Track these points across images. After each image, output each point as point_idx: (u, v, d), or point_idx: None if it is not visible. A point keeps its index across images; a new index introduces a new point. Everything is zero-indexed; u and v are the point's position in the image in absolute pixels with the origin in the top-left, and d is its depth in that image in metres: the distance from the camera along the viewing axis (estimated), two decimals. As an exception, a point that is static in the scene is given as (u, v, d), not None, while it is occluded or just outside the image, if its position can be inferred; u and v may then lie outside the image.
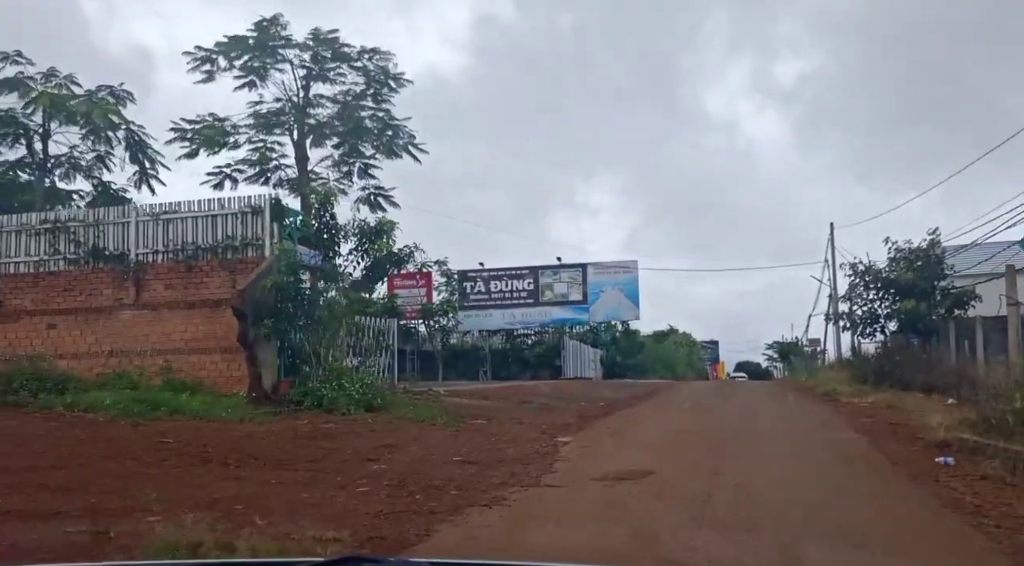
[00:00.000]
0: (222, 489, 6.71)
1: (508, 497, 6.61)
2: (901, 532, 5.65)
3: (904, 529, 5.75)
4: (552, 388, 24.38)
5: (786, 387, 28.61)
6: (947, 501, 6.42)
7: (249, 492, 6.64)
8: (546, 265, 44.83)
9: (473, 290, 44.82)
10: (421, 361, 44.55)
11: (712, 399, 19.66)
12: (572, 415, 14.76)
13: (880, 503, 6.64)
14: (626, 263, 44.18)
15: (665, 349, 47.43)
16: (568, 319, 44.42)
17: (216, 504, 6.02)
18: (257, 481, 7.19)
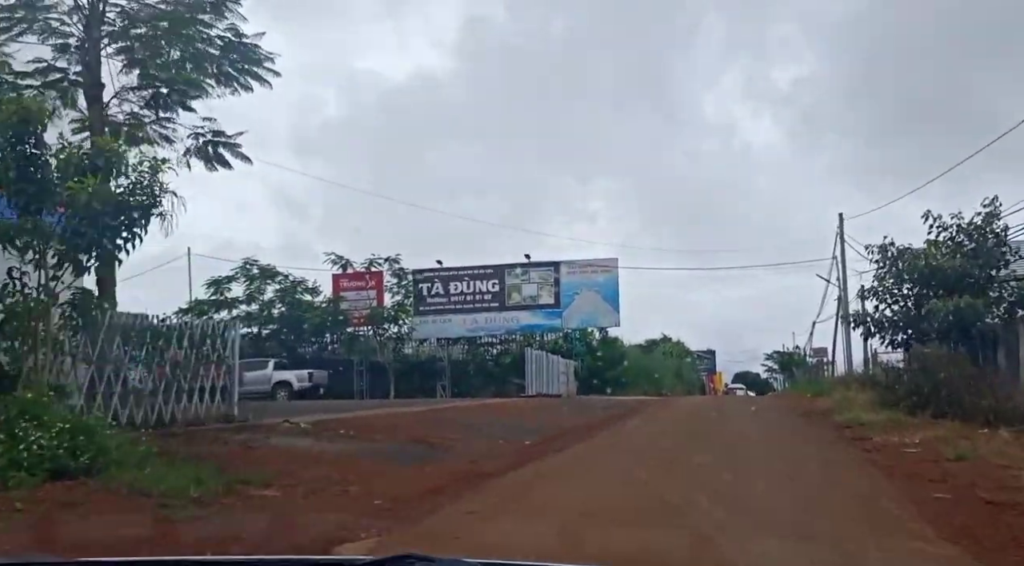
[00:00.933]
0: None
1: None
2: None
3: None
4: (492, 411, 18.97)
5: (789, 406, 23.16)
6: None
7: None
8: (513, 263, 39.41)
9: (430, 292, 39.37)
10: (371, 375, 39.08)
11: (688, 438, 14.12)
12: (456, 467, 9.36)
13: None
14: (604, 261, 38.76)
15: (651, 360, 41.92)
16: (538, 326, 38.97)
17: None
18: None
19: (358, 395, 38.23)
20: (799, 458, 9.67)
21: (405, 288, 39.05)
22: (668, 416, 18.84)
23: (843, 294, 34.37)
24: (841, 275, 34.49)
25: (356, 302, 38.87)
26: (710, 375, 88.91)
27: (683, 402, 26.89)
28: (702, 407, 23.11)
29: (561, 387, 34.93)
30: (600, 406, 23.67)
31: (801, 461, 9.37)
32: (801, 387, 42.97)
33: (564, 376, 35.64)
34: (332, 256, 38.28)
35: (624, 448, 11.63)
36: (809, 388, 40.36)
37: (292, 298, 37.92)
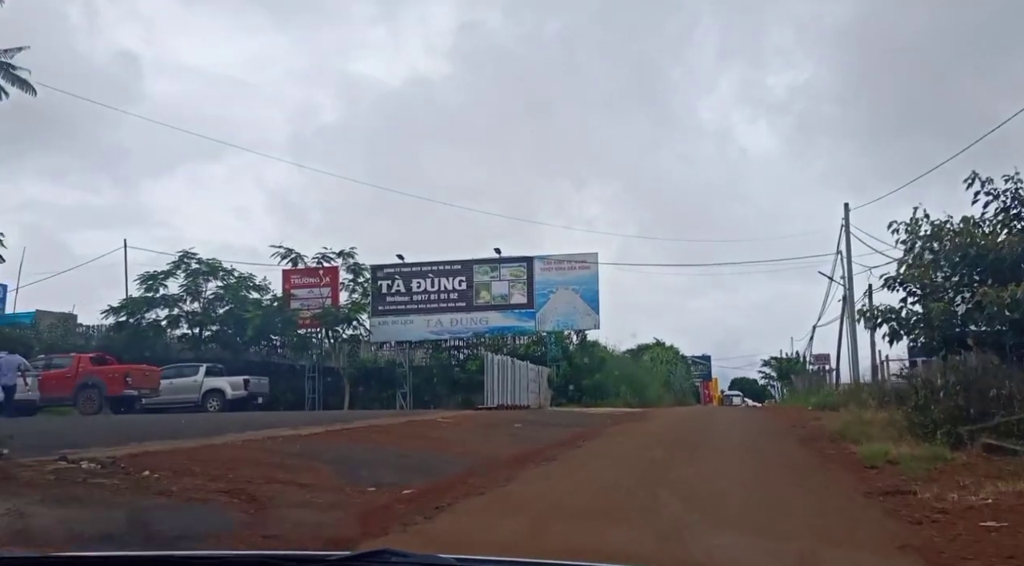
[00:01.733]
0: None
1: None
2: None
3: None
4: (417, 431, 15.07)
5: (787, 425, 19.22)
6: None
7: None
8: (482, 258, 35.51)
9: (390, 290, 35.45)
10: (325, 383, 35.15)
11: (641, 482, 9.90)
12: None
13: None
14: (583, 256, 34.86)
15: (636, 366, 37.93)
16: (509, 327, 35.05)
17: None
18: None
19: (309, 405, 34.34)
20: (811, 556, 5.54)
21: (362, 286, 35.09)
22: (633, 441, 14.87)
23: (848, 293, 30.52)
24: (846, 272, 30.66)
25: (309, 300, 34.98)
26: (705, 382, 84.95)
27: (663, 417, 22.89)
28: (682, 425, 19.15)
29: (532, 397, 31.02)
30: (563, 423, 19.74)
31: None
32: (801, 398, 39.02)
33: (535, 384, 31.71)
34: (280, 249, 34.34)
35: (535, 508, 7.66)
36: (810, 399, 36.42)
37: (235, 295, 33.94)
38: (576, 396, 33.08)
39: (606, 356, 34.31)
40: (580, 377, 33.42)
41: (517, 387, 28.58)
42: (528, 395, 30.34)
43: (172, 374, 29.53)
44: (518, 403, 28.48)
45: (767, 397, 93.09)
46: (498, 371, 26.63)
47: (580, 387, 33.24)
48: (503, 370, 27.07)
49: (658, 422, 20.81)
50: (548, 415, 23.12)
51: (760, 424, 19.44)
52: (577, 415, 24.15)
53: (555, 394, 33.64)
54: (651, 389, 36.04)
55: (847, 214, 30.65)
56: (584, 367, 33.60)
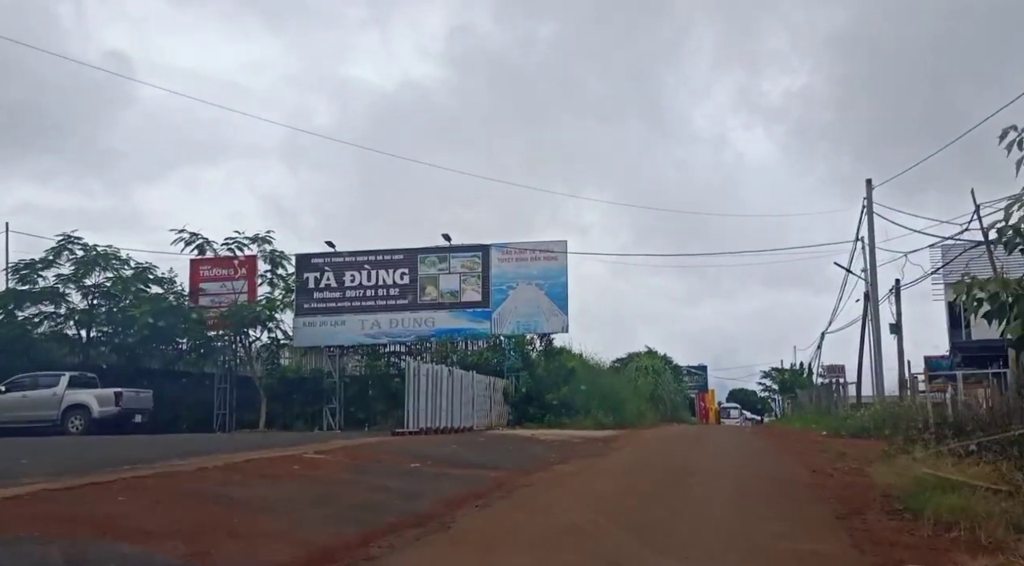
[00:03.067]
0: None
1: None
2: None
3: None
4: (211, 483, 9.18)
5: (806, 467, 13.25)
6: None
7: None
8: (428, 247, 29.66)
9: (319, 284, 29.56)
10: (238, 396, 29.25)
11: None
12: None
13: None
14: (548, 245, 29.00)
15: (613, 378, 31.90)
16: (459, 330, 29.16)
17: None
18: None
19: (219, 423, 28.41)
20: None
21: (283, 279, 29.20)
22: (562, 503, 8.99)
23: (871, 289, 24.65)
24: (869, 262, 24.82)
25: (221, 296, 29.12)
26: (701, 394, 78.92)
27: (633, 447, 16.86)
28: (650, 464, 13.16)
29: (481, 416, 25.13)
30: (488, 460, 13.95)
31: None
32: (810, 416, 33.10)
33: (486, 400, 25.80)
34: (183, 235, 28.45)
35: None
36: (821, 419, 30.49)
37: (126, 289, 28.04)
38: (539, 415, 27.18)
39: (576, 365, 28.41)
40: (543, 391, 27.51)
41: (457, 404, 22.69)
42: (476, 414, 24.44)
43: (26, 385, 23.66)
44: (458, 425, 22.59)
45: (766, 410, 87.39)
46: (427, 385, 20.77)
47: (544, 403, 27.33)
48: (435, 383, 21.20)
49: (623, 457, 14.90)
50: (480, 444, 17.23)
51: (764, 465, 13.51)
52: (523, 442, 18.29)
53: (513, 412, 27.74)
54: (631, 405, 30.11)
55: (869, 192, 24.85)
56: (548, 379, 27.71)
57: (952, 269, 34.26)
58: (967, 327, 36.65)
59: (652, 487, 10.34)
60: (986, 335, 35.54)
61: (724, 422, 69.17)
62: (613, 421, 27.12)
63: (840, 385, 29.46)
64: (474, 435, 20.69)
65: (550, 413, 27.02)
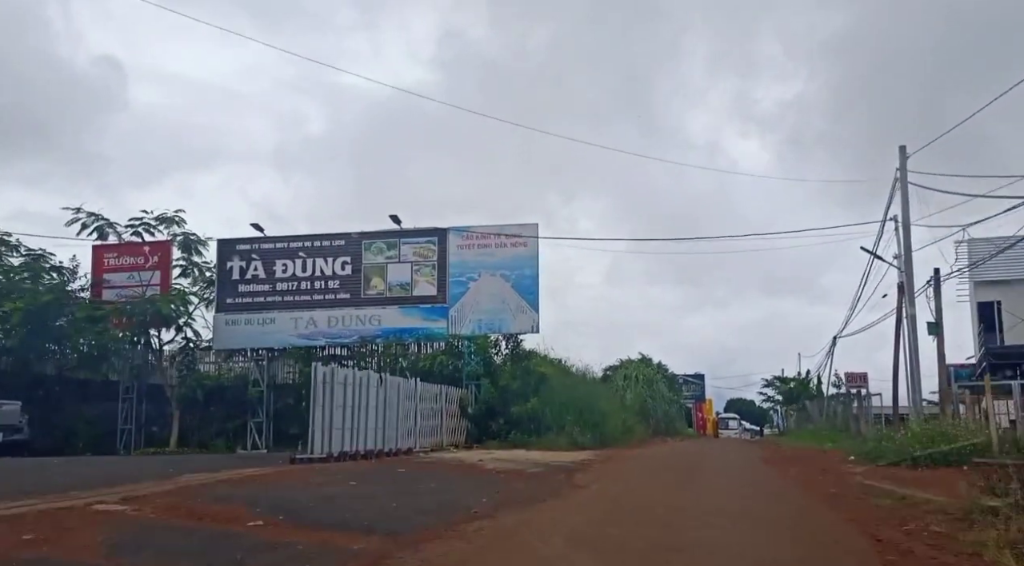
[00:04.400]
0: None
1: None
2: None
3: None
4: None
5: (851, 520, 8.67)
6: None
7: None
8: (374, 231, 25.04)
9: (244, 275, 24.92)
10: (149, 407, 24.57)
11: None
12: None
13: None
14: (516, 228, 24.40)
15: (593, 387, 27.17)
16: (410, 330, 24.48)
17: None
18: None
19: (123, 441, 23.74)
20: None
21: (199, 268, 24.59)
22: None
23: (906, 275, 20.11)
24: (903, 247, 20.27)
25: (130, 288, 24.47)
26: (699, 404, 74.13)
27: (606, 479, 12.08)
28: (607, 541, 8.41)
29: (428, 433, 20.48)
30: (375, 516, 9.23)
31: None
32: (824, 434, 28.45)
33: (435, 414, 21.15)
34: (80, 215, 23.80)
35: None
36: (839, 437, 25.85)
37: (11, 281, 23.38)
38: (503, 431, 22.54)
39: (549, 372, 23.77)
40: (509, 403, 22.88)
41: (392, 421, 18.04)
42: (419, 432, 19.78)
43: None
44: (393, 446, 17.95)
45: (766, 421, 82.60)
46: (346, 396, 16.13)
47: (509, 418, 22.69)
48: (357, 394, 16.57)
49: (582, 502, 10.27)
50: (395, 479, 12.58)
51: (796, 527, 8.88)
52: (459, 473, 13.63)
53: (472, 428, 23.09)
54: (614, 419, 25.44)
55: (903, 161, 20.32)
56: (515, 388, 23.07)
57: (984, 268, 30.00)
58: (1001, 331, 32.29)
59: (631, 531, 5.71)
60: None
61: (722, 433, 64.53)
62: (592, 439, 22.48)
63: (863, 396, 24.92)
64: (404, 462, 16.04)
65: (516, 430, 22.38)
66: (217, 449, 22.94)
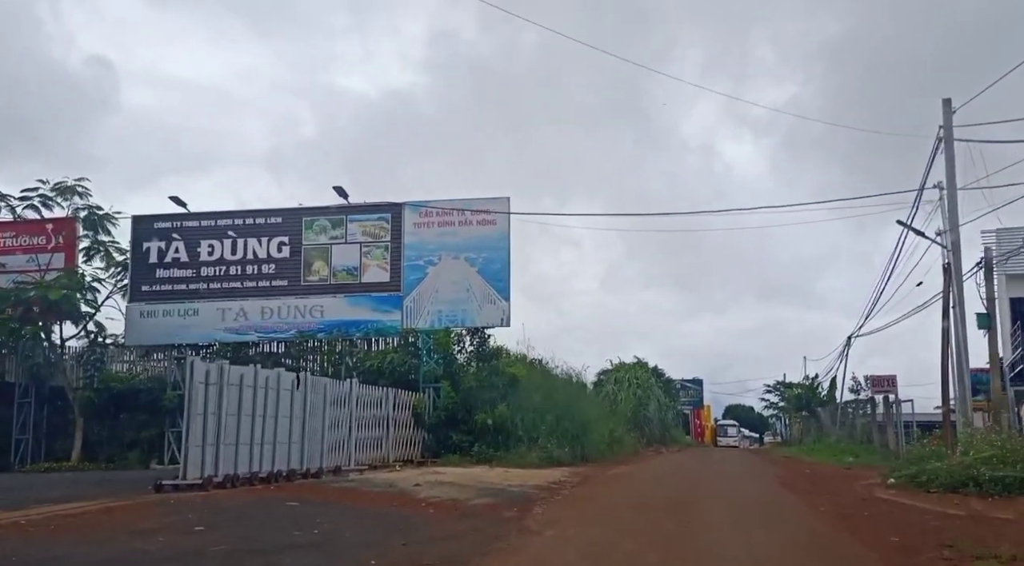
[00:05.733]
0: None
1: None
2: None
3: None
4: None
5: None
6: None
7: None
8: (316, 206, 21.33)
9: (164, 258, 21.19)
10: (51, 414, 20.79)
11: None
12: None
13: None
14: (483, 202, 20.68)
15: (576, 391, 23.27)
16: (359, 322, 20.71)
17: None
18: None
19: (18, 455, 19.99)
20: None
21: (105, 248, 20.87)
22: None
23: (952, 253, 16.45)
24: (947, 216, 16.61)
25: (27, 273, 20.70)
26: (696, 410, 70.33)
27: (558, 538, 8.32)
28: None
29: (368, 448, 16.75)
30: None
31: None
32: (841, 446, 24.76)
33: (379, 424, 17.40)
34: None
35: None
36: (861, 451, 22.17)
37: None
38: (465, 444, 18.80)
39: (521, 373, 20.00)
40: (473, 409, 19.13)
41: (316, 432, 14.31)
42: (355, 445, 16.03)
43: None
44: (310, 466, 14.20)
45: (767, 429, 78.71)
46: (242, 401, 12.42)
47: (472, 428, 18.94)
48: (261, 399, 12.86)
49: (525, 561, 6.60)
50: (266, 517, 8.87)
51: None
52: (371, 509, 9.89)
53: (430, 440, 19.34)
54: (599, 429, 21.64)
55: (948, 117, 16.64)
56: (480, 392, 19.32)
57: (1016, 260, 26.41)
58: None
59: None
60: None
61: (720, 441, 61.03)
62: (571, 453, 18.75)
63: (891, 403, 21.22)
64: (311, 489, 12.27)
65: (481, 442, 18.64)
66: (129, 464, 19.20)
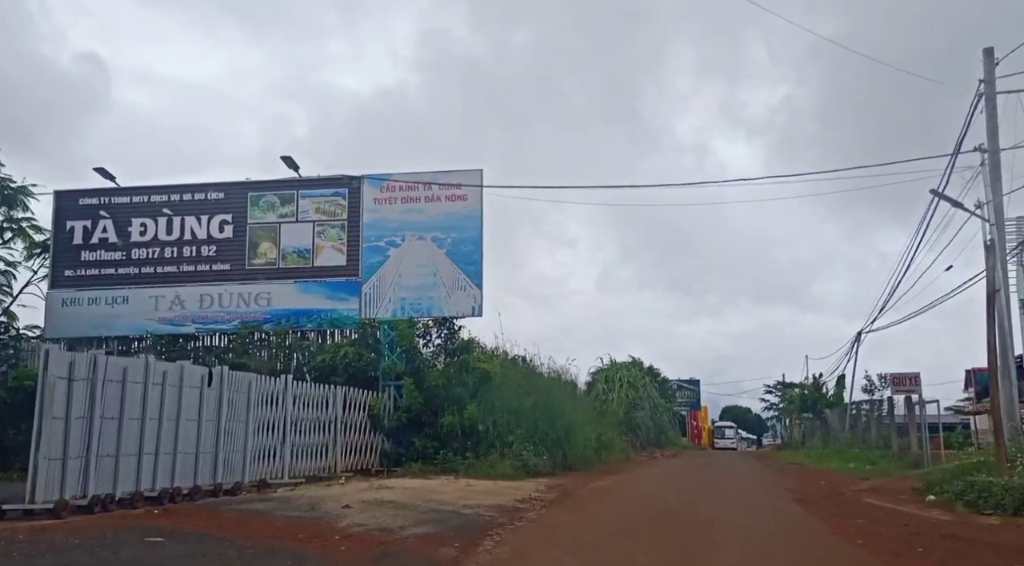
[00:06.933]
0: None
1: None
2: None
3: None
4: None
5: None
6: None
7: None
8: (265, 180, 18.80)
9: (90, 239, 18.65)
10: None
11: None
12: None
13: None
14: (451, 176, 18.16)
15: (559, 390, 20.67)
16: (312, 312, 18.14)
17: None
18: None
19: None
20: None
21: (21, 227, 18.30)
22: None
23: (997, 226, 14.00)
24: (990, 184, 14.15)
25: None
26: (693, 412, 67.83)
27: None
28: None
29: (310, 454, 14.24)
30: None
31: None
32: (857, 453, 22.29)
33: (325, 427, 14.90)
34: None
35: None
36: (876, 457, 19.75)
37: None
38: (429, 450, 16.26)
39: (495, 369, 17.48)
40: (439, 410, 16.61)
41: (237, 439, 11.83)
42: (290, 453, 13.54)
43: None
44: (226, 479, 11.70)
45: (765, 430, 76.36)
46: (125, 401, 9.93)
47: (439, 431, 16.42)
48: (156, 398, 10.36)
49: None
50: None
51: None
52: (248, 551, 7.37)
53: (390, 446, 16.81)
54: (584, 433, 19.12)
55: (990, 67, 14.20)
56: (447, 391, 16.78)
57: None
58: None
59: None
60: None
61: (718, 443, 58.75)
62: (550, 461, 16.25)
63: (915, 404, 18.76)
64: (203, 513, 9.73)
65: (447, 448, 16.11)
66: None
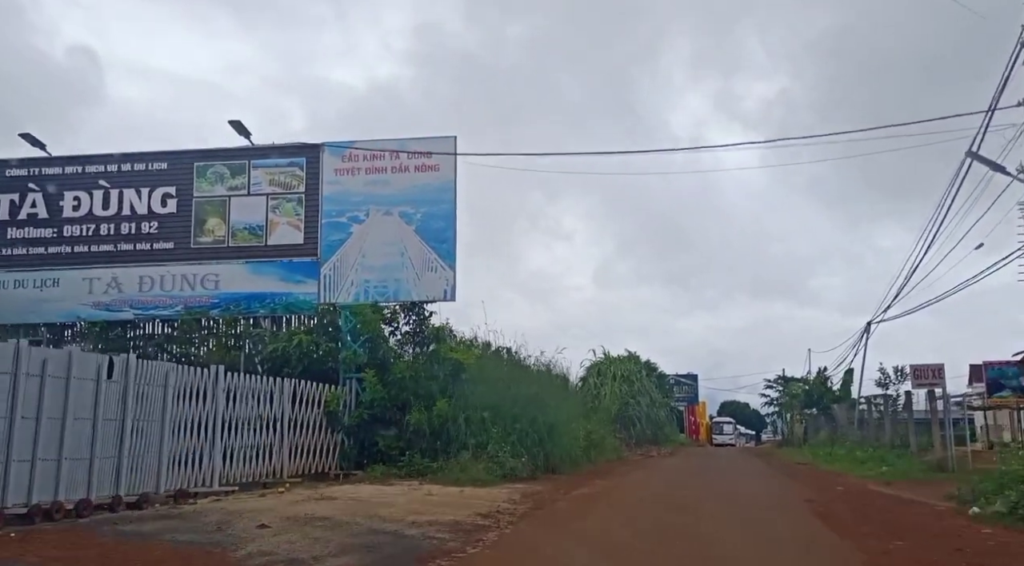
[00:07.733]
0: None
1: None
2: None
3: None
4: None
5: None
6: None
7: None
8: (212, 148, 16.81)
9: (17, 215, 16.67)
10: None
11: None
12: None
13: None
14: (422, 143, 16.18)
15: (544, 383, 18.69)
16: (264, 296, 16.14)
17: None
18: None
19: None
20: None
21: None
22: None
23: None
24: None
25: None
26: (691, 407, 66.05)
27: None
28: None
29: (249, 457, 12.34)
30: None
31: None
32: (872, 454, 20.38)
33: (269, 426, 12.98)
34: None
35: None
36: (899, 462, 17.86)
37: None
38: (394, 453, 14.34)
39: (470, 360, 15.54)
40: (407, 406, 14.68)
41: (152, 440, 9.93)
42: (222, 455, 11.63)
43: None
44: (136, 488, 9.78)
45: (764, 426, 74.76)
46: (13, 397, 8.04)
47: (404, 430, 14.49)
48: (39, 392, 8.48)
49: None
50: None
51: None
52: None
53: (350, 446, 14.88)
54: (571, 432, 17.21)
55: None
56: (414, 385, 14.84)
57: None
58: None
59: None
60: None
61: (716, 439, 57.13)
62: (531, 464, 14.34)
63: (937, 398, 16.82)
64: (84, 535, 7.82)
65: (414, 449, 14.19)
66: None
